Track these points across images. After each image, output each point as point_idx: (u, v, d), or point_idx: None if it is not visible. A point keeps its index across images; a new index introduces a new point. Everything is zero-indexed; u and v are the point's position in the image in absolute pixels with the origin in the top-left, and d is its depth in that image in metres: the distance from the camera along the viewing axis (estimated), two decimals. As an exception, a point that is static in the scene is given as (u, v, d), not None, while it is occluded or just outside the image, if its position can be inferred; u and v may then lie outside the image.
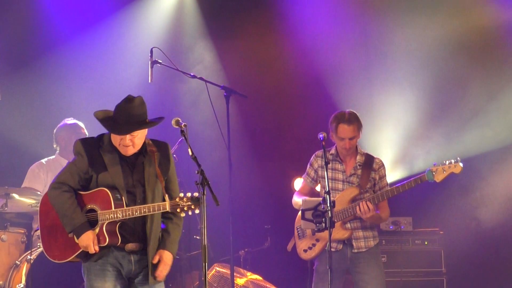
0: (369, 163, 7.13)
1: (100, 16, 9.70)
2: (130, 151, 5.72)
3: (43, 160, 8.63)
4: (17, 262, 7.69)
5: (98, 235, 5.67)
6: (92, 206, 5.73)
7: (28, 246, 7.98)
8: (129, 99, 5.68)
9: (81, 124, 8.63)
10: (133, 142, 5.69)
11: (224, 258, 8.72)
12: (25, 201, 7.87)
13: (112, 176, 5.71)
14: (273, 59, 9.88)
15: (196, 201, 5.63)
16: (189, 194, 5.65)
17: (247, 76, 9.79)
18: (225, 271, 8.34)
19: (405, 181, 6.96)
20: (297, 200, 7.16)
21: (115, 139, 5.71)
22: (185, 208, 5.64)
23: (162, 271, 5.77)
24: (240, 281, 8.28)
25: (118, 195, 5.69)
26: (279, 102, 9.93)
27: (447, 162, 6.90)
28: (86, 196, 5.74)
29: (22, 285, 7.41)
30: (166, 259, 5.77)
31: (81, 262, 5.80)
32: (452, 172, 6.88)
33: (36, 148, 9.16)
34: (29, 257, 7.55)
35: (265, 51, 9.86)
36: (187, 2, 10.01)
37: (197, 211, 5.63)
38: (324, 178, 7.00)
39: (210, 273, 8.36)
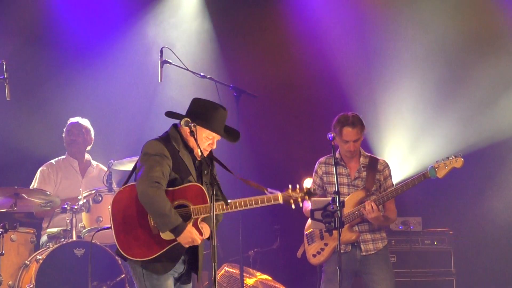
0: (373, 164, 7.11)
1: (110, 17, 9.71)
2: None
3: (53, 161, 8.64)
4: (26, 262, 7.68)
5: None
6: (182, 201, 5.65)
7: (37, 246, 8.01)
8: (223, 108, 5.75)
9: (83, 122, 8.61)
10: None
11: (234, 258, 8.71)
12: (35, 201, 7.85)
13: (194, 178, 5.72)
14: (282, 59, 9.87)
15: (309, 193, 5.75)
16: (298, 186, 5.71)
17: (256, 77, 9.78)
18: (235, 271, 8.34)
19: (408, 179, 6.96)
20: (306, 206, 7.09)
21: (204, 141, 5.67)
22: (299, 200, 5.72)
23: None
24: (249, 281, 8.28)
25: None
26: (288, 102, 9.92)
27: (449, 158, 6.91)
28: (175, 192, 5.64)
29: (31, 285, 7.41)
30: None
31: (134, 262, 5.69)
32: (454, 167, 6.88)
33: (45, 148, 9.15)
34: (38, 257, 7.55)
35: (274, 51, 9.85)
36: (196, 2, 10.01)
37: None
38: (330, 183, 7.11)
39: (220, 273, 8.36)
